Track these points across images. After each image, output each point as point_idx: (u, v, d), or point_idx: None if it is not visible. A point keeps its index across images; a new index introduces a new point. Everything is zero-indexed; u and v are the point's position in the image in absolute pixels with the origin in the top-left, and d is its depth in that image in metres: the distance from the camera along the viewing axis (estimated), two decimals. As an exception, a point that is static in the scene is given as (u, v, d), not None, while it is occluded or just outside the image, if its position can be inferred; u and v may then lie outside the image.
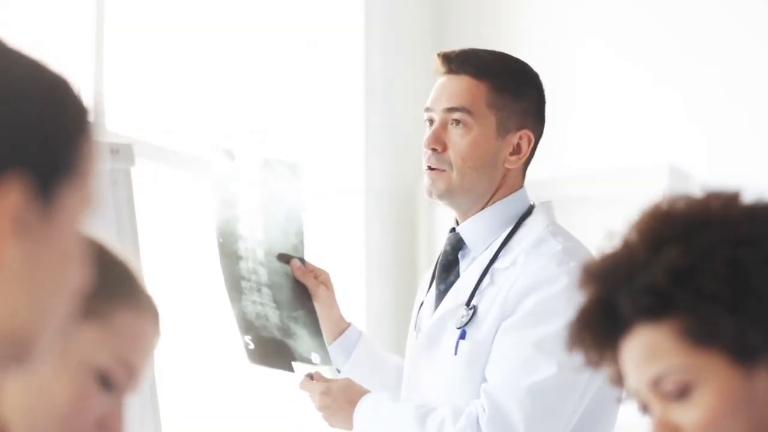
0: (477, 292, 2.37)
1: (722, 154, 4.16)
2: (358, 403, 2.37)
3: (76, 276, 0.93)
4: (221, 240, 2.46)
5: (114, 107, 3.46)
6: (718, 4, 4.25)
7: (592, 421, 2.36)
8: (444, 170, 2.38)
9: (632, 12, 4.35)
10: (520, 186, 2.46)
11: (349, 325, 2.55)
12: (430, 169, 2.39)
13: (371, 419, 2.36)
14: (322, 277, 2.50)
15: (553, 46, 4.45)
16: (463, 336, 2.35)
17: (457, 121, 2.39)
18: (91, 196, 0.92)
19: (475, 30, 4.56)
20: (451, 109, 2.39)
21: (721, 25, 4.22)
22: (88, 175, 0.92)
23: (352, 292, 4.22)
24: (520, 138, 2.43)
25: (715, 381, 1.22)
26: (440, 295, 2.45)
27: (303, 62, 4.17)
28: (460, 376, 2.34)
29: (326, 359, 2.43)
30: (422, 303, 2.52)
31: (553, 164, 4.30)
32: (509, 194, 2.44)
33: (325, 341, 2.45)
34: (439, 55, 2.45)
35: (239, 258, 2.45)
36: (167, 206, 3.59)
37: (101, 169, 0.93)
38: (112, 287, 1.28)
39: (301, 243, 2.46)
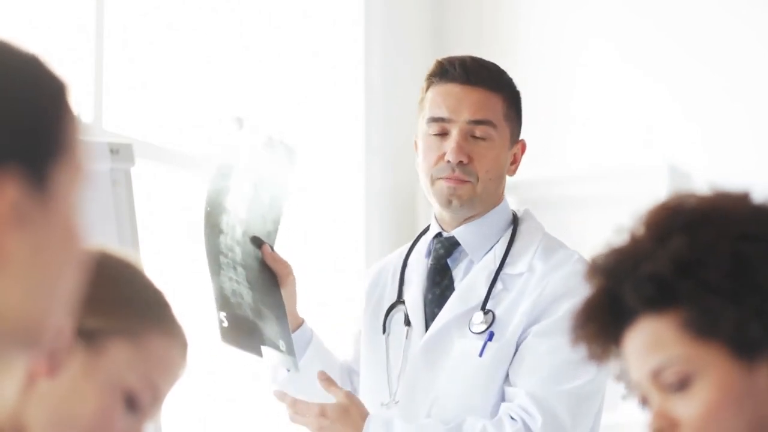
0: (491, 297, 2.37)
1: (722, 154, 4.15)
2: (366, 426, 2.33)
3: (80, 252, 0.93)
4: (209, 209, 2.44)
5: (114, 107, 3.46)
6: (718, 3, 4.24)
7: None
8: (469, 181, 2.39)
9: (632, 12, 4.35)
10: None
11: (303, 321, 2.54)
12: (450, 179, 2.39)
13: None
14: (289, 268, 2.49)
15: (552, 46, 4.45)
16: (490, 338, 2.34)
17: (481, 134, 2.40)
18: (83, 169, 0.92)
19: (475, 31, 4.56)
20: (476, 122, 2.39)
21: (722, 24, 4.22)
22: (76, 150, 0.91)
23: (352, 291, 4.22)
24: (517, 148, 2.47)
25: (715, 374, 1.22)
26: (436, 300, 2.44)
27: (303, 62, 4.17)
28: (484, 378, 2.33)
29: (291, 349, 2.40)
30: (392, 307, 2.49)
31: (553, 164, 4.30)
32: (501, 202, 2.47)
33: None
34: (451, 62, 2.43)
35: (220, 231, 2.43)
36: (167, 206, 3.59)
37: (88, 140, 0.93)
38: (148, 310, 1.28)
39: (275, 231, 2.44)
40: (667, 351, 1.23)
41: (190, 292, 3.46)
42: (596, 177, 4.25)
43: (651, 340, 1.24)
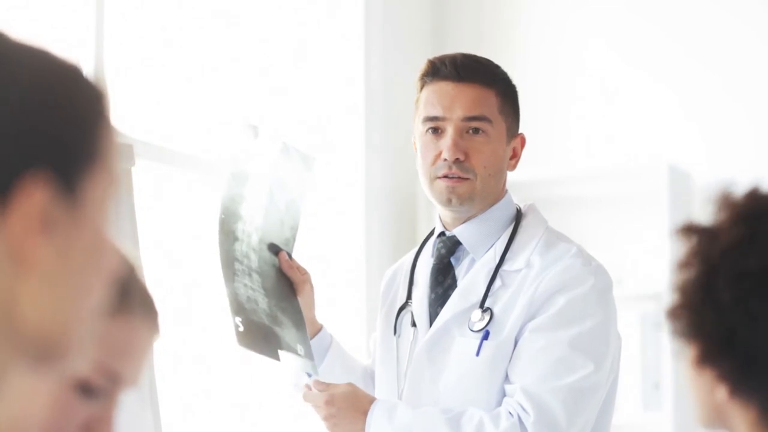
0: (489, 295, 2.37)
1: (722, 154, 4.15)
2: (371, 411, 2.34)
3: (108, 265, 0.92)
4: (223, 216, 2.45)
5: (113, 107, 3.45)
6: (718, 3, 4.25)
7: (598, 421, 2.37)
8: (467, 178, 2.38)
9: (633, 12, 4.35)
10: (506, 189, 2.49)
11: (321, 327, 2.55)
12: (448, 177, 2.39)
13: (388, 428, 2.32)
14: (306, 276, 2.50)
15: (552, 46, 4.45)
16: (486, 337, 2.34)
17: (476, 130, 2.39)
18: (115, 181, 0.91)
19: (475, 31, 4.56)
20: (471, 118, 2.39)
21: (722, 24, 4.22)
22: (110, 161, 0.91)
23: (352, 291, 4.22)
24: (516, 142, 2.46)
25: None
26: (439, 299, 2.44)
27: (303, 62, 4.17)
28: (482, 377, 2.33)
29: (309, 353, 2.41)
30: (402, 308, 2.50)
31: (554, 164, 4.30)
32: (503, 197, 2.46)
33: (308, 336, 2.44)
34: (442, 60, 2.42)
35: (236, 239, 2.43)
36: (167, 206, 3.59)
37: (122, 151, 0.93)
38: None
39: (293, 238, 2.46)
40: None
41: (190, 292, 3.46)
42: (596, 177, 4.24)
43: None
